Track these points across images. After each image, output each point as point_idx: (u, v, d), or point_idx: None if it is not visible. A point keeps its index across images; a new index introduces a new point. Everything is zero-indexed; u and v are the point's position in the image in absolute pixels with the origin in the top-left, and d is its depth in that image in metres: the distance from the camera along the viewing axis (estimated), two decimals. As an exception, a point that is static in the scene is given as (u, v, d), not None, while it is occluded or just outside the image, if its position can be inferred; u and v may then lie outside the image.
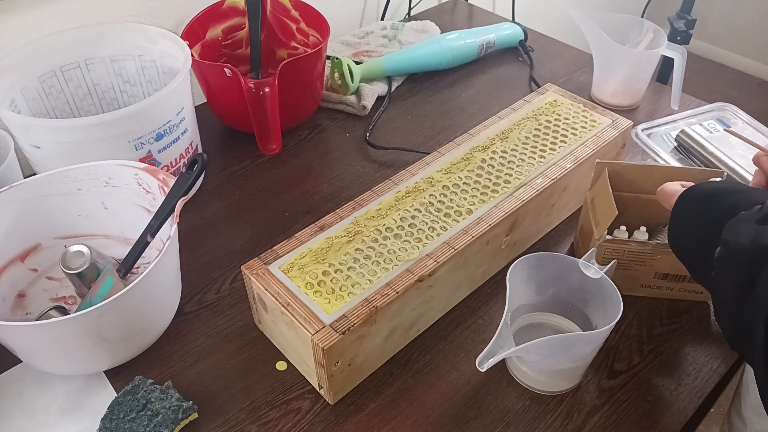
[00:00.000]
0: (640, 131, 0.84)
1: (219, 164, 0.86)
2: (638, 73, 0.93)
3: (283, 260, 0.60)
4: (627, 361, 0.63)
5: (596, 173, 0.68)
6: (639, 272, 0.65)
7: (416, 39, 1.08)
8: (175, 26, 0.93)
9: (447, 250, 0.61)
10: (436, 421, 0.58)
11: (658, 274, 0.65)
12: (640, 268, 0.65)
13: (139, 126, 0.68)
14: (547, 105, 0.79)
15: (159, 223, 0.60)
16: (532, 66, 1.06)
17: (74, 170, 0.64)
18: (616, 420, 0.58)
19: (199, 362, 0.62)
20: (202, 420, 0.58)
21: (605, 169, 0.66)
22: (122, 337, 0.58)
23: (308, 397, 0.59)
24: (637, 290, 0.67)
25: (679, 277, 0.65)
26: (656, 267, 0.65)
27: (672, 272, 0.65)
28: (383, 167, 0.86)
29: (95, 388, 0.60)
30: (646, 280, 0.66)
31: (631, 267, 0.65)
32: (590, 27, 0.90)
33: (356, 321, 0.54)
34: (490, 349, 0.53)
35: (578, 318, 0.63)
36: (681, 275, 0.65)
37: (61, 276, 0.65)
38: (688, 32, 1.53)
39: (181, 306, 0.67)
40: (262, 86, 0.77)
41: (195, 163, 0.60)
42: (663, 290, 0.67)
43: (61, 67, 0.79)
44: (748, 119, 0.86)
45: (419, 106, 0.98)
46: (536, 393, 0.60)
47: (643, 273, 0.65)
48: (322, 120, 0.95)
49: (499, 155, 0.71)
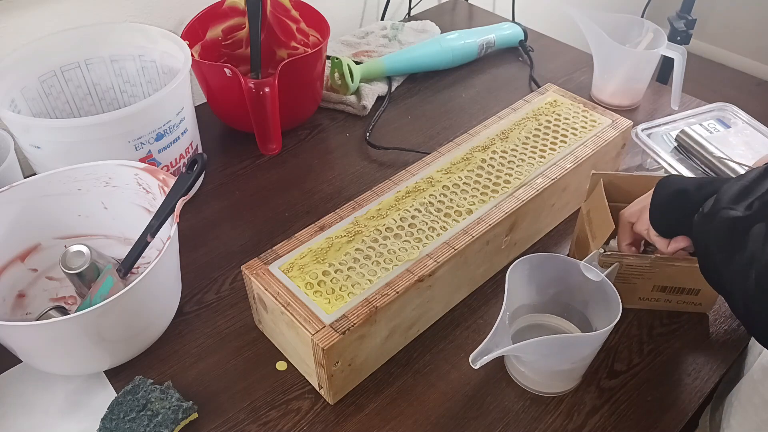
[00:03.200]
0: (640, 131, 0.84)
1: (219, 164, 0.86)
2: (638, 73, 0.93)
3: (283, 260, 0.60)
4: (627, 361, 0.63)
5: (591, 185, 0.67)
6: (637, 285, 0.64)
7: (416, 39, 1.08)
8: (175, 26, 0.93)
9: (447, 250, 0.61)
10: (436, 421, 0.58)
11: (657, 286, 0.64)
12: (638, 282, 0.64)
13: (139, 126, 0.68)
14: (547, 105, 0.79)
15: (159, 223, 0.60)
16: (532, 66, 1.06)
17: (74, 170, 0.64)
18: (616, 420, 0.58)
19: (199, 362, 0.62)
20: (202, 420, 0.58)
21: (600, 180, 0.65)
22: (122, 337, 0.58)
23: (308, 397, 0.59)
24: (635, 303, 0.66)
25: (677, 289, 0.64)
26: (654, 280, 0.63)
27: (671, 284, 0.64)
28: (383, 167, 0.86)
29: (95, 388, 0.60)
30: (644, 293, 0.65)
31: (629, 280, 0.63)
32: (590, 27, 0.90)
33: (356, 321, 0.54)
34: (484, 347, 0.53)
35: (578, 320, 0.63)
36: (680, 287, 0.64)
37: (61, 276, 0.64)
38: (688, 32, 1.53)
39: (181, 306, 0.67)
40: (262, 86, 0.77)
41: (195, 163, 0.60)
42: (661, 302, 0.66)
43: (61, 67, 0.79)
44: (748, 119, 0.86)
45: (419, 106, 0.98)
46: (536, 393, 0.60)
47: (641, 286, 0.64)
48: (322, 120, 0.95)
49: (499, 155, 0.71)
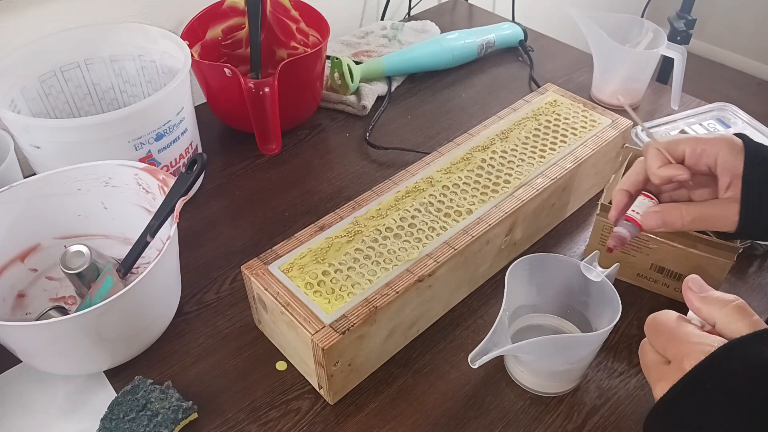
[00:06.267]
0: (640, 131, 0.84)
1: (219, 164, 0.86)
2: (638, 73, 0.93)
3: (282, 260, 0.60)
4: (627, 361, 0.63)
5: (623, 158, 0.70)
6: (636, 259, 0.66)
7: (416, 39, 1.08)
8: (175, 26, 0.93)
9: (447, 250, 0.61)
10: (435, 421, 0.58)
11: (654, 266, 0.66)
12: (637, 256, 0.66)
13: (139, 126, 0.68)
14: (547, 105, 0.79)
15: (159, 223, 0.60)
16: (532, 66, 1.06)
17: (74, 170, 0.64)
18: (616, 420, 0.58)
19: (199, 362, 0.62)
20: (202, 420, 0.58)
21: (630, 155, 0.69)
22: (122, 337, 0.58)
23: (308, 397, 0.59)
24: (634, 279, 0.68)
25: (675, 274, 0.65)
26: (652, 257, 0.65)
27: (668, 267, 0.65)
28: (383, 167, 0.86)
29: (95, 388, 0.60)
30: (643, 269, 0.67)
31: (629, 252, 0.66)
32: (590, 27, 0.90)
33: (356, 321, 0.54)
34: (483, 347, 0.53)
35: (578, 320, 0.63)
36: (677, 273, 0.65)
37: (61, 276, 0.65)
38: (688, 32, 1.54)
39: (181, 306, 0.67)
40: (262, 86, 0.77)
41: (195, 163, 0.60)
42: (659, 285, 0.67)
43: (61, 67, 0.79)
44: (748, 119, 0.86)
45: (419, 106, 0.98)
46: (536, 393, 0.60)
47: (639, 261, 0.66)
48: (322, 120, 0.95)
49: (499, 155, 0.71)
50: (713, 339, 0.37)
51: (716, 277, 0.63)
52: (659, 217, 0.51)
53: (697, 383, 0.36)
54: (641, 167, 0.54)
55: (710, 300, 0.40)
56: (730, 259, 0.62)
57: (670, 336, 0.40)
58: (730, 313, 0.38)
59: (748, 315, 0.38)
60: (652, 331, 0.42)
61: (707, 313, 0.40)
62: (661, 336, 0.41)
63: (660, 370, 0.39)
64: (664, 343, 0.40)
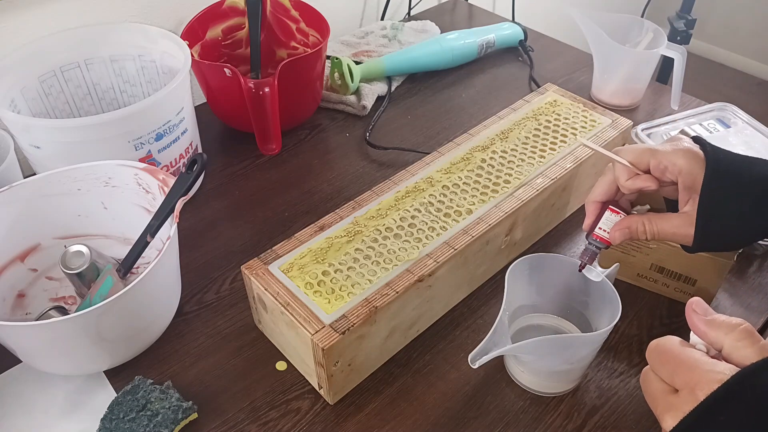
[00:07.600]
0: (639, 131, 0.84)
1: (219, 164, 0.86)
2: (638, 73, 0.93)
3: (282, 260, 0.60)
4: (627, 361, 0.63)
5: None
6: (636, 259, 0.66)
7: (416, 39, 1.08)
8: (175, 26, 0.93)
9: (447, 250, 0.61)
10: (435, 421, 0.58)
11: (654, 266, 0.66)
12: (637, 256, 0.66)
13: (139, 126, 0.68)
14: (547, 105, 0.79)
15: (159, 223, 0.60)
16: (532, 66, 1.06)
17: (74, 170, 0.64)
18: (616, 420, 0.58)
19: (199, 362, 0.62)
20: (202, 420, 0.58)
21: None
22: (122, 337, 0.58)
23: (308, 397, 0.59)
24: (635, 279, 0.68)
25: (674, 274, 0.65)
26: (652, 257, 0.65)
27: (668, 267, 0.65)
28: (383, 167, 0.86)
29: (95, 388, 0.60)
30: (643, 269, 0.67)
31: (628, 252, 0.66)
32: (590, 27, 0.90)
33: (356, 321, 0.54)
34: (483, 347, 0.53)
35: (578, 320, 0.63)
36: (677, 273, 0.65)
37: (61, 276, 0.65)
38: (688, 32, 1.54)
39: (181, 306, 0.67)
40: (262, 86, 0.77)
41: (195, 163, 0.60)
42: (659, 285, 0.67)
43: (61, 67, 0.79)
44: (748, 119, 0.86)
45: (419, 106, 0.98)
46: (536, 393, 0.60)
47: (639, 261, 0.66)
48: (322, 120, 0.95)
49: (499, 155, 0.71)
50: (724, 366, 0.36)
51: (716, 277, 0.63)
52: (625, 234, 0.55)
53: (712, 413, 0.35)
54: (611, 177, 0.55)
55: (716, 324, 0.39)
56: (730, 259, 0.62)
57: (678, 363, 0.38)
58: (738, 338, 0.37)
59: (756, 340, 0.37)
60: (655, 358, 0.40)
61: (714, 338, 0.39)
62: (667, 363, 0.39)
63: (668, 400, 0.38)
64: (671, 371, 0.38)
